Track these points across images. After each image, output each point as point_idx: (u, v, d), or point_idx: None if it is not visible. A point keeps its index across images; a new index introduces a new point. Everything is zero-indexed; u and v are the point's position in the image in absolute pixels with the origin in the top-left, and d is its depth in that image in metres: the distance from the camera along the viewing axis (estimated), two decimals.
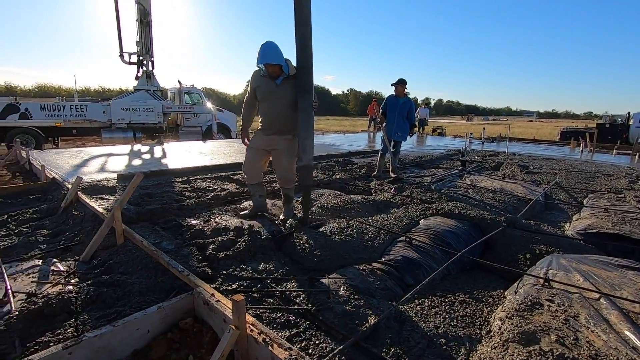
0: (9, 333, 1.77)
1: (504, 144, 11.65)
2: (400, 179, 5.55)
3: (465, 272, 2.87)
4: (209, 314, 1.85)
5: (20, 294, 2.15)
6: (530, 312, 1.97)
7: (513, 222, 3.48)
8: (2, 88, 49.58)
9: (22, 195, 4.19)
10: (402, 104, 5.68)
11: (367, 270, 2.48)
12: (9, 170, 6.01)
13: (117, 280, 2.24)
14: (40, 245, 2.89)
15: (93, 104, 11.54)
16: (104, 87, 57.04)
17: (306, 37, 2.90)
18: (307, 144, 3.15)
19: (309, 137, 3.15)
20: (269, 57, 2.95)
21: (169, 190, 4.41)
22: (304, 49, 2.93)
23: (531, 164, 7.63)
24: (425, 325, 1.95)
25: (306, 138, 3.14)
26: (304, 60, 2.96)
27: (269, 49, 2.96)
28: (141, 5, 11.13)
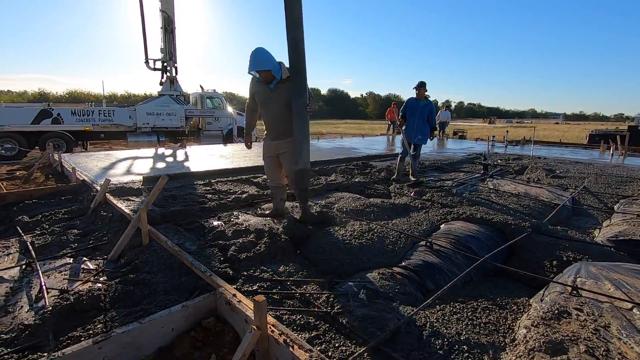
0: (43, 327, 1.86)
1: (528, 147, 11.31)
2: (420, 183, 5.48)
3: (487, 278, 2.80)
4: (231, 314, 1.88)
5: (53, 291, 2.26)
6: (557, 320, 1.90)
7: (538, 227, 3.38)
8: (35, 94, 52.18)
9: (55, 196, 4.40)
10: (423, 106, 5.62)
11: (387, 275, 2.46)
12: (42, 173, 6.31)
13: (143, 279, 2.32)
14: (71, 244, 3.02)
15: (120, 109, 11.98)
16: (129, 93, 59.10)
17: (297, 39, 2.86)
18: (303, 148, 3.14)
19: (304, 141, 3.14)
20: (257, 64, 2.98)
21: (191, 192, 4.53)
22: (295, 51, 2.89)
23: (557, 167, 7.37)
24: (446, 332, 1.92)
25: (301, 142, 3.13)
26: (295, 62, 2.93)
27: (257, 55, 2.98)
28: (166, 13, 11.50)
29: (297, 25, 2.83)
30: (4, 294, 2.23)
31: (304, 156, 3.16)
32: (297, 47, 2.88)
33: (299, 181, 3.24)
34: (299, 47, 2.89)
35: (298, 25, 2.83)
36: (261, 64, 2.98)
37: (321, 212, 3.57)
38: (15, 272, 2.53)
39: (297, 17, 2.81)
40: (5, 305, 2.10)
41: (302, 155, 3.15)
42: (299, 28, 2.84)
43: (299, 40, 2.86)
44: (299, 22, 2.83)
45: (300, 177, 3.22)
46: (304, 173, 3.21)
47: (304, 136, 3.14)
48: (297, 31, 2.84)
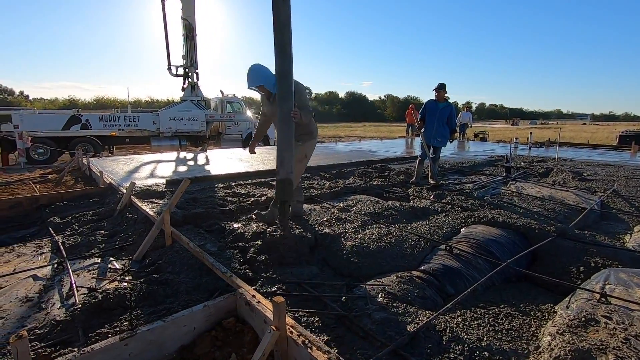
0: (73, 323, 1.95)
1: (553, 149, 10.94)
2: (439, 186, 5.40)
3: (510, 283, 2.73)
4: (250, 315, 1.92)
5: (82, 289, 2.36)
6: (584, 328, 1.84)
7: (564, 232, 3.27)
8: (66, 101, 54.67)
9: (84, 199, 4.60)
10: (442, 108, 5.54)
11: (405, 278, 2.44)
12: (72, 176, 6.61)
13: (166, 279, 2.39)
14: (99, 245, 3.15)
15: (144, 114, 12.38)
16: (153, 98, 61.02)
17: (284, 42, 2.75)
18: (285, 157, 2.91)
19: (286, 149, 2.91)
20: (249, 80, 3.07)
21: (212, 195, 4.63)
22: (282, 55, 2.78)
23: (585, 170, 7.10)
24: (467, 337, 1.88)
25: (283, 150, 2.91)
26: (281, 66, 2.81)
27: (250, 73, 3.06)
28: (187, 21, 11.83)
29: (284, 29, 2.73)
30: (38, 291, 2.35)
31: (286, 165, 2.91)
32: (284, 51, 2.77)
33: (279, 192, 2.97)
34: (286, 50, 2.78)
35: (285, 29, 2.74)
36: (252, 80, 3.05)
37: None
38: (47, 270, 2.66)
39: (284, 20, 2.71)
40: (39, 302, 2.22)
41: (283, 164, 2.91)
42: (286, 31, 2.74)
43: (285, 44, 2.76)
44: (286, 25, 2.73)
45: (281, 188, 2.94)
46: (285, 183, 2.93)
47: (287, 144, 2.92)
48: (283, 34, 2.74)
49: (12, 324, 2.00)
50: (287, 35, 2.75)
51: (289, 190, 2.95)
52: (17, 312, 2.11)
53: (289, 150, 2.92)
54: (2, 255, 2.94)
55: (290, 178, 2.93)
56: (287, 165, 2.91)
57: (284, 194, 2.95)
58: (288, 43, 2.77)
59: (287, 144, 2.91)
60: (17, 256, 2.93)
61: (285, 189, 2.93)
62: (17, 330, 1.92)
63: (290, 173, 2.92)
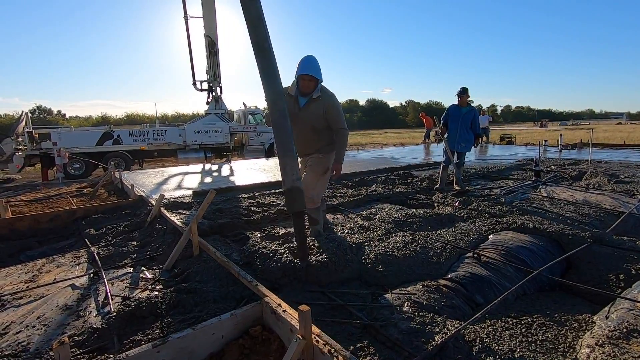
0: (109, 330, 2.04)
1: (586, 151, 10.45)
2: (465, 192, 5.27)
3: (543, 292, 2.62)
4: (276, 323, 1.94)
5: (117, 297, 2.47)
6: (626, 340, 1.74)
7: (601, 238, 3.11)
8: (99, 118, 57.66)
9: (117, 211, 4.81)
10: (465, 113, 5.46)
11: (432, 287, 2.40)
12: (105, 189, 6.94)
13: (194, 288, 2.46)
14: (131, 255, 3.29)
15: (171, 128, 12.89)
16: (179, 112, 63.35)
17: (261, 39, 2.48)
18: (287, 163, 2.55)
19: (287, 155, 2.55)
20: (309, 67, 2.83)
21: (236, 205, 4.73)
22: (262, 54, 2.50)
23: (622, 172, 6.73)
24: (498, 348, 1.82)
25: (284, 156, 2.55)
26: (264, 66, 2.51)
27: (311, 60, 2.86)
28: (209, 37, 12.30)
29: (257, 25, 2.48)
30: (76, 299, 2.48)
31: (289, 173, 2.54)
32: (263, 49, 2.49)
33: (289, 204, 2.59)
34: (264, 47, 2.48)
35: (259, 25, 2.48)
36: (313, 69, 2.83)
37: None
38: (84, 280, 2.80)
39: (255, 16, 2.47)
40: (77, 310, 2.33)
41: (286, 171, 2.55)
42: (260, 28, 2.49)
43: (262, 41, 2.48)
44: (259, 20, 2.48)
45: (290, 199, 2.56)
46: (293, 193, 2.54)
47: (285, 149, 2.54)
48: (257, 32, 2.48)
49: (53, 330, 2.11)
50: (262, 31, 2.48)
51: (298, 199, 2.55)
52: (58, 319, 2.23)
53: (289, 156, 2.56)
54: (43, 265, 3.12)
55: (298, 187, 2.55)
56: (290, 173, 2.54)
57: (295, 205, 2.56)
58: (265, 40, 2.49)
59: (286, 150, 2.55)
60: (57, 266, 3.09)
61: (294, 199, 2.55)
62: (58, 336, 2.03)
63: (296, 180, 2.55)
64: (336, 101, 3.05)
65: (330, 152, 3.18)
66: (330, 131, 3.13)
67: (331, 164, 3.20)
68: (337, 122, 3.05)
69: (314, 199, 3.13)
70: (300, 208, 2.57)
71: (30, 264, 3.15)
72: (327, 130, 3.11)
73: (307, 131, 3.06)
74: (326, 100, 2.98)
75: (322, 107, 2.98)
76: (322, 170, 3.11)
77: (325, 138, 3.14)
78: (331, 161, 3.20)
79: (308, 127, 3.03)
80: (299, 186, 2.56)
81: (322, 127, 3.08)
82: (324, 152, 3.15)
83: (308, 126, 3.03)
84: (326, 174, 3.19)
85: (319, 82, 2.95)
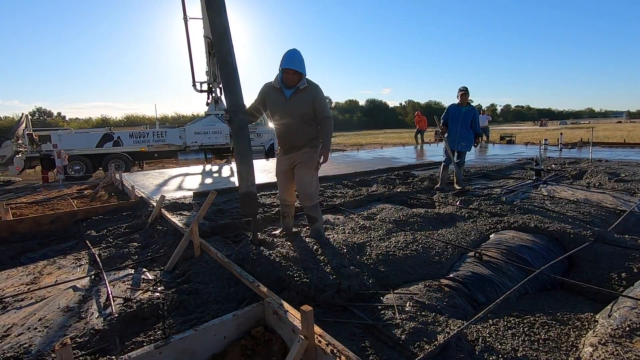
0: (110, 332, 2.04)
1: (586, 150, 10.45)
2: (465, 191, 5.27)
3: (545, 291, 2.62)
4: (278, 324, 1.94)
5: (118, 299, 2.46)
6: (629, 339, 1.73)
7: (602, 236, 3.11)
8: (99, 120, 57.72)
9: (117, 212, 4.81)
10: (465, 112, 5.46)
11: (433, 287, 2.39)
12: (106, 191, 6.94)
13: (196, 289, 2.46)
14: (132, 256, 3.28)
15: (171, 129, 12.88)
16: (178, 114, 63.33)
17: (224, 53, 2.69)
18: (244, 170, 2.86)
19: (244, 163, 2.86)
20: (292, 62, 2.85)
21: (237, 206, 4.72)
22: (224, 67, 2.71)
23: (622, 170, 6.73)
24: (501, 347, 1.82)
25: (241, 163, 2.85)
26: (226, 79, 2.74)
27: (295, 54, 2.89)
28: (209, 39, 12.28)
29: (222, 40, 2.67)
30: (78, 301, 2.47)
31: (245, 179, 2.86)
32: (225, 62, 2.70)
33: (242, 208, 2.97)
34: (227, 61, 2.70)
35: (223, 39, 2.67)
36: (297, 63, 2.86)
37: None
38: (86, 281, 2.80)
39: (221, 31, 2.66)
40: (79, 312, 2.33)
41: (243, 178, 2.86)
42: (224, 42, 2.68)
43: (226, 55, 2.69)
44: (223, 36, 2.67)
45: (244, 203, 2.92)
46: (248, 197, 2.88)
47: (243, 157, 2.86)
48: (222, 46, 2.68)
49: (55, 332, 2.11)
50: (225, 45, 2.68)
51: (252, 204, 2.90)
52: (59, 321, 2.23)
53: (246, 163, 2.86)
54: (44, 267, 3.11)
55: (252, 192, 2.89)
56: (246, 179, 2.86)
57: (248, 209, 2.92)
58: (228, 54, 2.69)
59: (243, 157, 2.85)
60: (58, 268, 3.09)
61: (248, 203, 2.90)
62: (60, 338, 2.03)
63: (252, 186, 2.88)
64: (322, 92, 3.07)
65: (317, 145, 3.14)
66: (315, 123, 3.10)
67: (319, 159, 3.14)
68: (323, 111, 3.04)
69: (312, 196, 3.13)
70: (253, 211, 2.95)
71: (31, 266, 3.15)
72: (313, 121, 3.08)
73: (295, 122, 3.02)
74: (313, 90, 2.99)
75: (310, 96, 2.97)
76: (314, 165, 3.09)
77: (313, 131, 3.10)
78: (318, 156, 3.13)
79: (296, 117, 3.00)
80: (253, 192, 2.89)
81: (309, 117, 3.04)
82: (313, 146, 3.11)
83: (296, 117, 3.00)
84: (317, 169, 3.15)
85: (303, 76, 2.93)
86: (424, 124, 17.45)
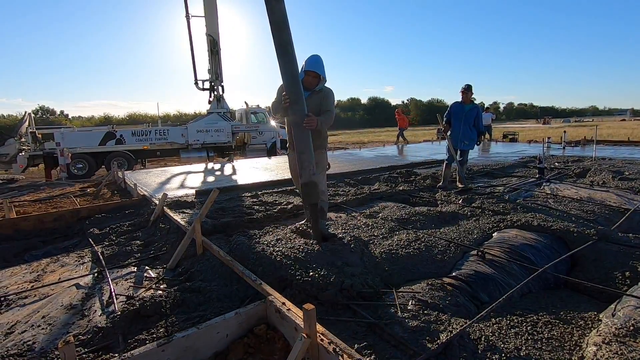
0: (114, 330, 2.04)
1: (590, 148, 10.39)
2: (468, 190, 5.25)
3: (548, 290, 2.61)
4: (281, 322, 1.94)
5: (121, 297, 2.47)
6: (633, 338, 1.73)
7: (606, 235, 3.09)
8: (101, 118, 57.82)
9: (120, 210, 4.82)
10: (468, 110, 5.43)
11: (436, 285, 2.39)
12: (109, 189, 6.96)
13: (198, 287, 2.46)
14: (135, 254, 3.29)
15: (173, 128, 12.89)
16: (181, 112, 63.31)
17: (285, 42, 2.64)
18: (305, 159, 2.87)
19: (305, 152, 2.86)
20: (314, 65, 3.02)
21: (239, 204, 4.73)
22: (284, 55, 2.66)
23: (626, 169, 6.68)
24: (504, 346, 1.81)
25: (302, 152, 2.86)
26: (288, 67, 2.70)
27: (316, 58, 3.06)
28: (211, 37, 12.28)
29: (281, 27, 2.63)
30: (81, 299, 2.49)
31: (306, 168, 2.88)
32: (287, 52, 2.67)
33: (304, 196, 2.98)
34: (288, 50, 2.67)
35: (283, 27, 2.63)
36: (319, 67, 3.02)
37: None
38: (89, 279, 2.81)
39: (279, 18, 2.61)
40: (82, 309, 2.34)
41: (303, 167, 2.88)
42: (283, 30, 2.64)
43: (286, 44, 2.66)
44: (282, 23, 2.62)
45: (306, 192, 2.93)
46: (309, 187, 2.90)
47: (304, 146, 2.87)
48: (281, 34, 2.63)
49: (58, 330, 2.12)
50: (285, 34, 2.65)
51: (314, 193, 2.92)
52: (63, 319, 2.24)
53: (307, 152, 2.87)
54: (48, 265, 3.13)
55: (314, 181, 2.91)
56: (308, 168, 2.87)
57: (310, 197, 2.93)
58: (288, 42, 2.67)
59: (304, 146, 2.86)
60: (62, 266, 3.10)
61: (310, 192, 2.91)
62: (63, 336, 2.04)
63: (313, 175, 2.89)
64: (333, 95, 3.22)
65: (326, 146, 3.34)
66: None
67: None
68: (327, 106, 3.13)
69: (322, 195, 3.28)
70: (314, 200, 2.94)
71: (34, 264, 3.16)
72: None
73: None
74: (326, 92, 3.16)
75: (322, 97, 3.13)
76: (325, 165, 3.26)
77: (323, 132, 3.24)
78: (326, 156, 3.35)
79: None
80: (315, 181, 2.92)
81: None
82: (323, 148, 3.27)
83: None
84: (326, 170, 3.33)
85: (322, 81, 3.09)
86: (404, 123, 17.04)
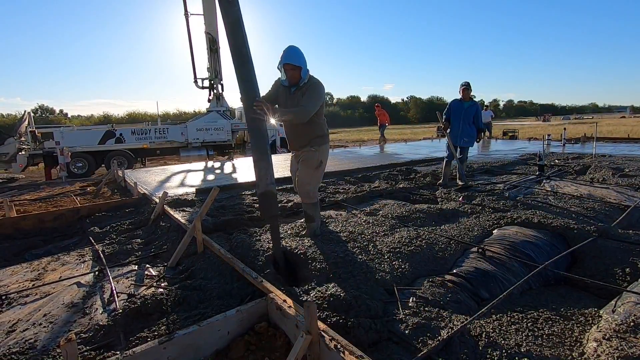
0: (115, 328, 2.05)
1: (590, 145, 10.39)
2: (468, 187, 5.26)
3: (548, 287, 2.61)
4: (282, 319, 1.94)
5: (122, 295, 2.48)
6: (633, 334, 1.73)
7: (606, 232, 3.09)
8: (101, 117, 57.78)
9: (120, 209, 4.82)
10: (468, 108, 5.43)
11: (437, 282, 2.39)
12: (109, 188, 6.95)
13: (199, 285, 2.47)
14: (135, 253, 3.29)
15: (173, 126, 12.87)
16: (180, 110, 63.34)
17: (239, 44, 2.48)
18: (262, 167, 2.62)
19: (262, 159, 2.62)
20: (289, 57, 2.78)
21: (240, 202, 4.73)
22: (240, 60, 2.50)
23: (626, 166, 6.68)
24: (504, 343, 1.81)
25: (259, 159, 2.61)
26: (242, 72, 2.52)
27: (291, 49, 2.82)
28: (210, 35, 12.25)
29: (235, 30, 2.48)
30: (82, 297, 2.49)
31: (263, 177, 2.61)
32: (240, 54, 2.51)
33: (261, 208, 2.73)
34: (242, 52, 2.51)
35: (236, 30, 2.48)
36: (294, 58, 2.78)
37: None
38: (90, 277, 2.81)
39: (234, 20, 2.47)
40: (83, 308, 2.34)
41: (260, 175, 2.64)
42: (237, 33, 2.48)
43: (240, 46, 2.50)
44: (237, 26, 2.48)
45: (263, 204, 2.68)
46: (266, 197, 2.62)
47: (260, 153, 2.62)
48: (235, 37, 2.48)
49: (60, 328, 2.12)
50: (239, 36, 2.49)
51: (271, 204, 2.65)
52: (64, 317, 2.24)
53: (265, 159, 2.63)
54: (49, 263, 3.13)
55: (271, 191, 2.63)
56: (265, 177, 2.62)
57: (269, 209, 2.66)
58: (243, 45, 2.51)
59: (260, 153, 2.62)
60: (62, 264, 3.11)
61: (267, 203, 2.64)
62: (65, 334, 2.04)
63: (270, 184, 2.62)
64: (318, 88, 2.90)
65: (322, 144, 3.07)
66: (319, 122, 3.02)
67: (324, 158, 3.10)
68: (304, 101, 2.84)
69: (309, 194, 3.11)
70: (273, 213, 2.67)
71: (35, 263, 3.16)
72: (316, 118, 2.97)
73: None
74: (309, 84, 2.89)
75: (305, 91, 2.88)
76: (315, 164, 3.04)
77: (316, 129, 3.01)
78: (324, 155, 3.09)
79: None
80: (273, 191, 2.63)
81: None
82: (315, 145, 3.03)
83: None
84: (320, 168, 3.09)
85: (303, 70, 2.84)
86: (385, 118, 15.93)
